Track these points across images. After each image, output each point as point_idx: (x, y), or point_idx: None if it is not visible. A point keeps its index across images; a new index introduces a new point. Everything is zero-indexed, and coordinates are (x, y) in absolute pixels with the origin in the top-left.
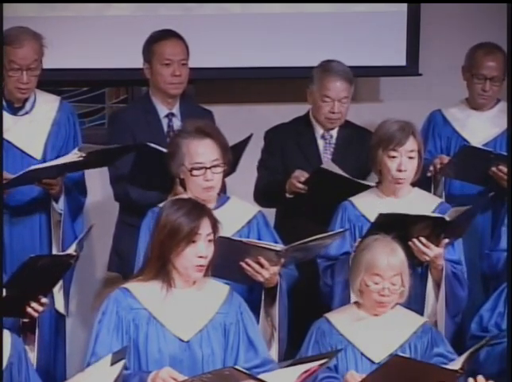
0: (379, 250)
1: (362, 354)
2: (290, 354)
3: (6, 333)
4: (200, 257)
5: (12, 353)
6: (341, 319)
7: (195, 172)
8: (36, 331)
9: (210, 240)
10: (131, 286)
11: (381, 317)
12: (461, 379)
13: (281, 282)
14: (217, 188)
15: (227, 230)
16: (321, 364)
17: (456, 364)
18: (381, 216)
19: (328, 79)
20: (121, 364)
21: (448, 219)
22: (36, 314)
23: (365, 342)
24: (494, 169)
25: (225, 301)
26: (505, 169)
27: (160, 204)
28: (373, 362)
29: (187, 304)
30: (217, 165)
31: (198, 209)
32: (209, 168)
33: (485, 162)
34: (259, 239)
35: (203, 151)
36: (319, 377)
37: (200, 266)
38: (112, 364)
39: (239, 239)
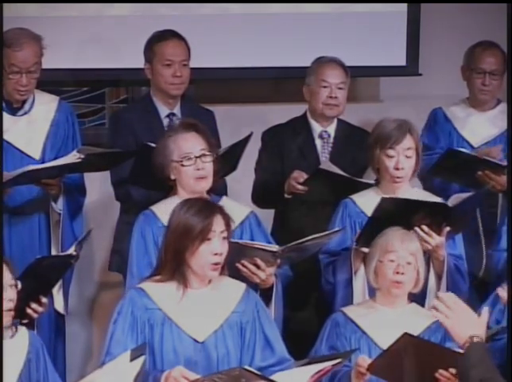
0: (394, 234)
1: (375, 344)
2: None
3: (24, 330)
4: (215, 254)
5: (30, 350)
6: (356, 311)
7: (185, 162)
8: (35, 331)
9: (224, 238)
10: (146, 286)
11: (396, 311)
12: None
13: (277, 282)
14: (209, 178)
15: None
16: (334, 365)
17: None
18: (383, 199)
19: (325, 66)
20: (141, 360)
21: (450, 205)
22: (35, 315)
23: (379, 333)
24: (480, 173)
25: (241, 299)
26: (491, 175)
27: (152, 207)
28: None
29: (202, 304)
30: (206, 155)
31: (209, 207)
32: (198, 157)
33: (472, 166)
34: (252, 239)
35: (190, 143)
36: None
37: (216, 264)
38: (132, 360)
39: (235, 240)
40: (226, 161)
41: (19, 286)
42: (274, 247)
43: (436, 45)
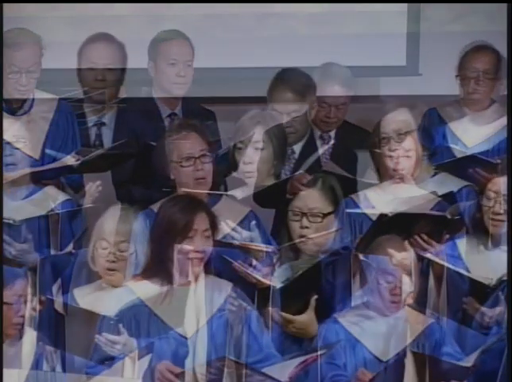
0: (391, 247)
1: (370, 352)
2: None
3: (31, 331)
4: (196, 252)
5: (37, 351)
6: (350, 318)
7: (185, 163)
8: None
9: (207, 236)
10: (132, 283)
11: (389, 318)
12: None
13: (274, 282)
14: (208, 179)
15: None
16: (320, 355)
17: (468, 361)
18: (382, 215)
19: (326, 85)
20: (147, 358)
21: (449, 217)
22: (34, 313)
23: (373, 341)
24: (470, 170)
25: (228, 297)
26: (482, 172)
27: (152, 206)
28: (381, 361)
29: (189, 301)
30: (205, 155)
31: (194, 204)
32: (198, 158)
33: (464, 163)
34: (250, 239)
35: (189, 143)
36: (329, 375)
37: (197, 261)
38: (139, 358)
39: (231, 241)
40: (227, 161)
41: (34, 303)
42: (271, 248)
43: (436, 45)
